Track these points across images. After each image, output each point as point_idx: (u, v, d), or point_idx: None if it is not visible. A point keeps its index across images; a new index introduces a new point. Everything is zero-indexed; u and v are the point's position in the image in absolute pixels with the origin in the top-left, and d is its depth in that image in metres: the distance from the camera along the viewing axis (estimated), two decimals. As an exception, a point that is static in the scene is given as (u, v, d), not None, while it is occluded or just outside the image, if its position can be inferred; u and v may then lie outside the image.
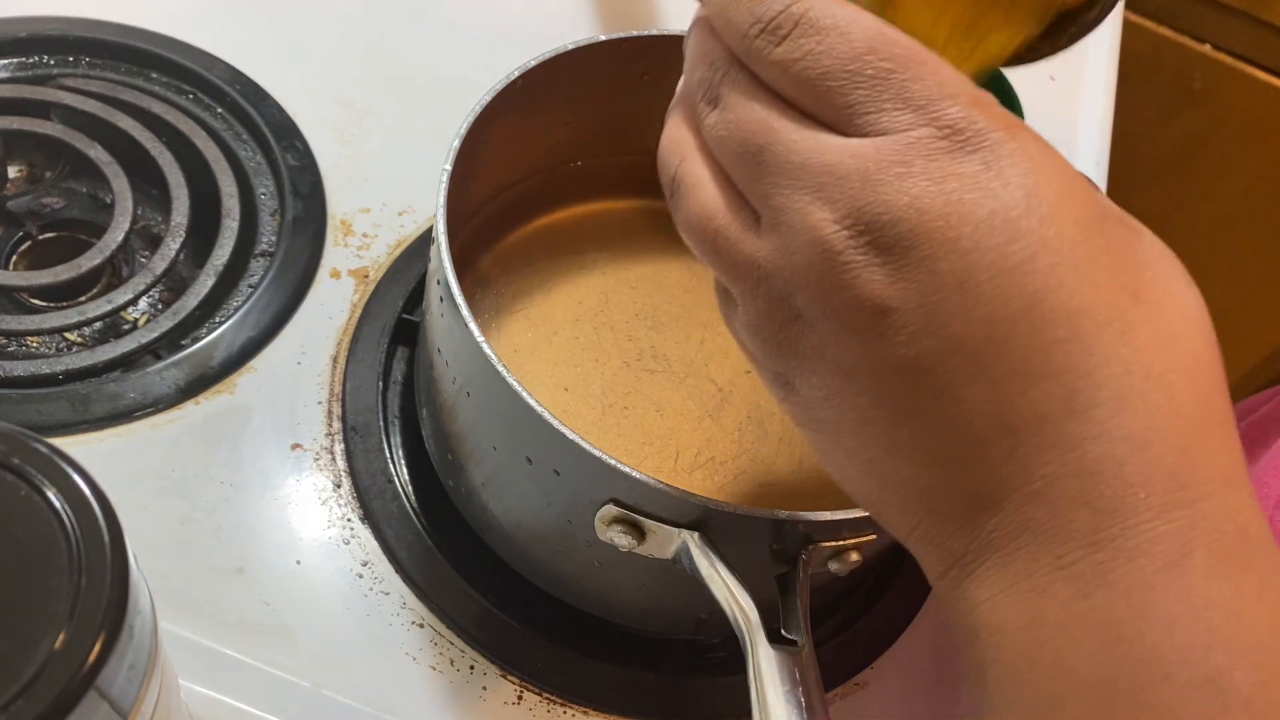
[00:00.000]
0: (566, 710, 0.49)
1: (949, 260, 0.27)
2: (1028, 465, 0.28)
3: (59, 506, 0.28)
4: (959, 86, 0.28)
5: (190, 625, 0.47)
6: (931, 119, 0.27)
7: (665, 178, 0.33)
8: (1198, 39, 1.06)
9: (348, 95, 0.65)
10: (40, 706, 0.25)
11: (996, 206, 0.27)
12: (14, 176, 0.61)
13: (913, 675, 0.53)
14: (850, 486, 0.32)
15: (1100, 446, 0.27)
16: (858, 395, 0.29)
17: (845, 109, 0.28)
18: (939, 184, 0.27)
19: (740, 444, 0.53)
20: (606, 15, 0.72)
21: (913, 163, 0.27)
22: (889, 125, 0.28)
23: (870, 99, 0.28)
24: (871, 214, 0.27)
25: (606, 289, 0.57)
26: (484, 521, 0.49)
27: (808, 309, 0.29)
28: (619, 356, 0.55)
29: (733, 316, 0.33)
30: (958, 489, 0.29)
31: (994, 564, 0.29)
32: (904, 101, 0.28)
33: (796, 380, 0.31)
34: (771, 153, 0.29)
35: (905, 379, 0.28)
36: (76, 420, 0.51)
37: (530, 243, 0.58)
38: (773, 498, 0.52)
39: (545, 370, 0.54)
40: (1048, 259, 0.27)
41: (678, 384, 0.54)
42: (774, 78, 0.29)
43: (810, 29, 0.28)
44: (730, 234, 0.31)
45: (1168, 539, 0.27)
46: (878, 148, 0.28)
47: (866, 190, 0.27)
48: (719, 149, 0.31)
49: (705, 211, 0.31)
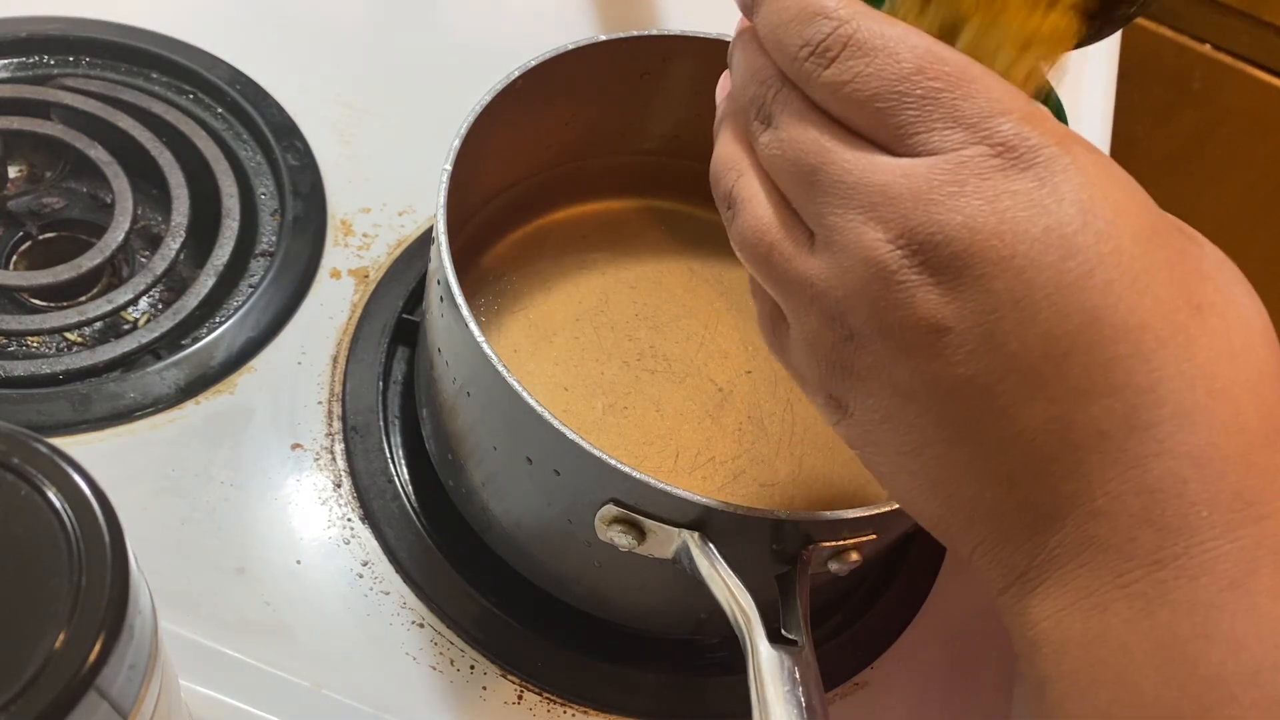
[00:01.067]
0: (566, 710, 0.49)
1: (1004, 279, 0.27)
2: (1090, 482, 0.27)
3: (59, 506, 0.28)
4: (1011, 102, 0.28)
5: (190, 625, 0.47)
6: (983, 137, 0.27)
7: (720, 194, 0.33)
8: (1197, 39, 1.06)
9: (348, 95, 0.65)
10: (40, 706, 0.25)
11: (1051, 223, 0.27)
12: (14, 176, 0.61)
13: (913, 675, 0.53)
14: (912, 506, 0.32)
15: (1162, 464, 0.27)
16: (917, 416, 0.29)
17: (896, 129, 0.28)
18: (992, 202, 0.27)
19: (740, 444, 0.53)
20: (606, 15, 0.72)
21: (965, 181, 0.27)
22: (940, 144, 0.28)
23: (920, 119, 0.28)
24: (925, 234, 0.27)
25: (606, 289, 0.57)
26: (484, 521, 0.49)
27: (862, 328, 0.29)
28: (619, 356, 0.55)
29: (783, 338, 0.33)
30: (1021, 506, 0.29)
31: (1056, 581, 0.28)
32: (954, 120, 0.28)
33: (851, 402, 0.31)
34: (825, 173, 0.29)
35: (964, 398, 0.28)
36: (76, 420, 0.51)
37: (530, 243, 0.58)
38: (773, 498, 0.52)
39: (545, 370, 0.54)
40: (1105, 274, 0.27)
41: (678, 384, 0.54)
42: (825, 99, 0.29)
43: (858, 50, 0.28)
44: (784, 250, 0.31)
45: (1232, 557, 0.26)
46: (929, 167, 0.28)
47: (919, 210, 0.27)
48: (773, 168, 0.31)
49: (760, 227, 0.31)
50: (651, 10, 0.73)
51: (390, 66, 0.67)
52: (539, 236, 0.58)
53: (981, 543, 0.30)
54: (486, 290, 0.56)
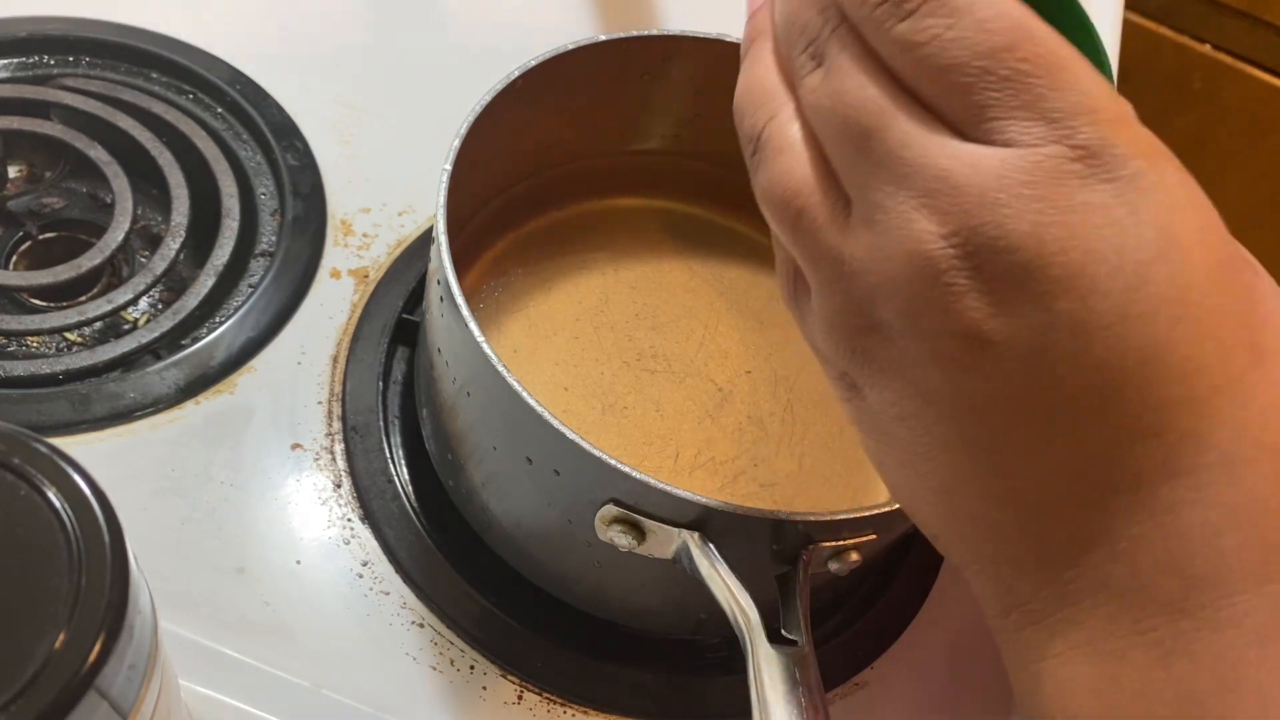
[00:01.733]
0: (566, 710, 0.49)
1: (1067, 300, 0.25)
2: (1114, 523, 0.26)
3: (59, 506, 0.28)
4: (1102, 100, 0.25)
5: (190, 625, 0.47)
6: (1064, 135, 0.25)
7: (746, 130, 0.29)
8: (1198, 39, 1.06)
9: (348, 95, 0.65)
10: (40, 706, 0.25)
11: (1126, 246, 0.24)
12: (14, 176, 0.61)
13: (913, 675, 0.53)
14: (910, 505, 0.30)
15: (1196, 513, 0.25)
16: (936, 421, 0.27)
17: (971, 109, 0.25)
18: (1065, 213, 0.24)
19: (740, 444, 0.53)
20: (606, 15, 0.72)
21: (1039, 184, 0.24)
22: (1017, 137, 0.25)
23: (1001, 103, 0.25)
24: (985, 236, 0.25)
25: (606, 289, 0.57)
26: (484, 521, 0.49)
27: (893, 322, 0.27)
28: (619, 356, 0.55)
29: (802, 301, 0.30)
30: (1031, 535, 0.27)
31: (1066, 619, 0.27)
32: (1039, 112, 0.25)
33: (866, 388, 0.29)
34: (880, 140, 0.26)
35: (995, 416, 0.26)
36: (76, 420, 0.51)
37: (530, 242, 0.58)
38: (773, 498, 0.52)
39: (545, 370, 0.54)
40: (1173, 311, 0.25)
41: (678, 384, 0.54)
42: (893, 56, 0.26)
43: (942, 7, 0.25)
44: (817, 216, 0.27)
45: (1260, 613, 0.25)
46: (1002, 161, 0.25)
47: (983, 208, 0.25)
48: (817, 118, 0.27)
49: (792, 184, 0.28)
50: (651, 10, 0.73)
51: (390, 66, 0.67)
52: (539, 236, 0.58)
53: (979, 559, 0.29)
54: (486, 290, 0.56)
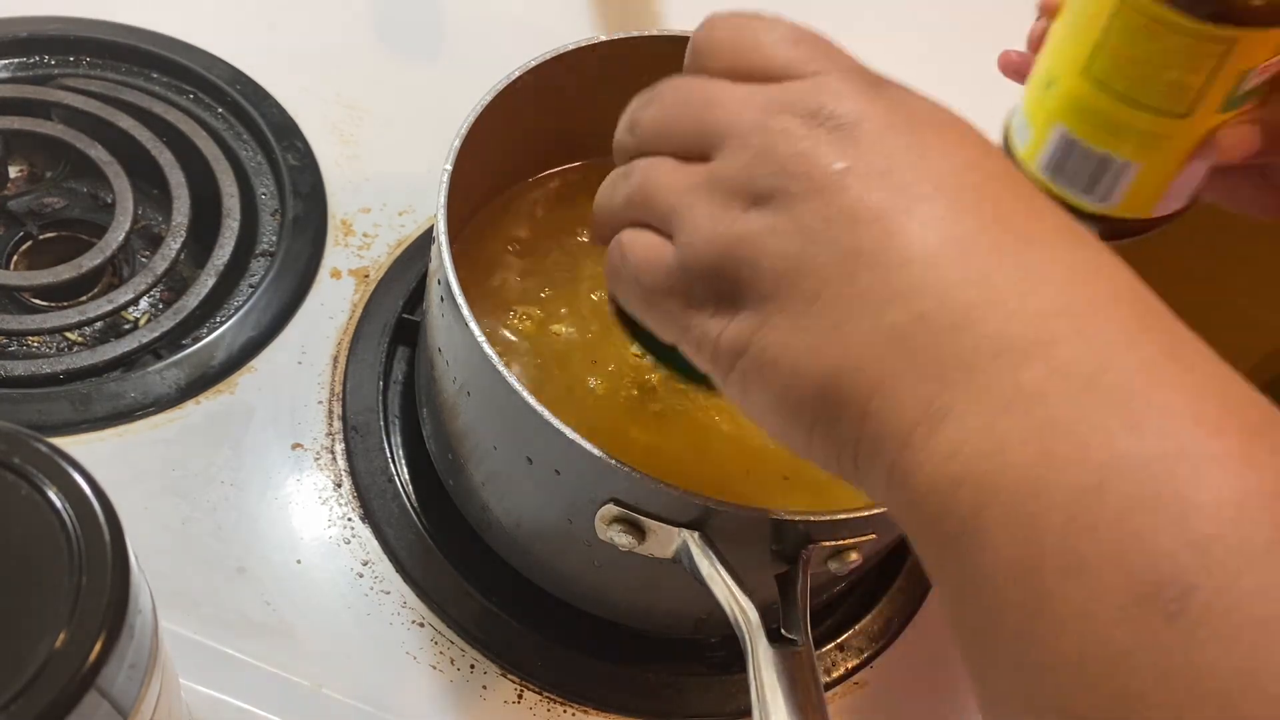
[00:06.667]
0: (566, 709, 0.49)
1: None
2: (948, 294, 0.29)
3: (60, 506, 0.28)
4: None
5: (191, 625, 0.47)
6: None
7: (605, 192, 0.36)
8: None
9: (348, 95, 0.65)
10: (41, 706, 0.25)
11: None
12: (14, 176, 0.61)
13: (913, 675, 0.53)
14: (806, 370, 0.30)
15: None
16: (821, 253, 0.30)
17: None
18: None
19: (740, 444, 0.53)
20: (606, 15, 0.72)
21: None
22: None
23: None
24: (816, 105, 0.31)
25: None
26: (484, 521, 0.49)
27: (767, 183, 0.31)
28: (619, 356, 0.55)
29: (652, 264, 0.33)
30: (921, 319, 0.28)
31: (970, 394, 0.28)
32: None
33: (745, 276, 0.31)
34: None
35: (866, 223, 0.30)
36: (77, 420, 0.51)
37: (530, 242, 0.58)
38: (773, 498, 0.52)
39: (545, 370, 0.54)
40: None
41: (677, 383, 0.54)
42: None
43: None
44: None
45: None
46: None
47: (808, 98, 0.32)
48: None
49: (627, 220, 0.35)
50: (651, 10, 0.73)
51: (390, 66, 0.67)
52: (539, 236, 0.58)
53: (882, 383, 0.29)
54: (487, 290, 0.56)
